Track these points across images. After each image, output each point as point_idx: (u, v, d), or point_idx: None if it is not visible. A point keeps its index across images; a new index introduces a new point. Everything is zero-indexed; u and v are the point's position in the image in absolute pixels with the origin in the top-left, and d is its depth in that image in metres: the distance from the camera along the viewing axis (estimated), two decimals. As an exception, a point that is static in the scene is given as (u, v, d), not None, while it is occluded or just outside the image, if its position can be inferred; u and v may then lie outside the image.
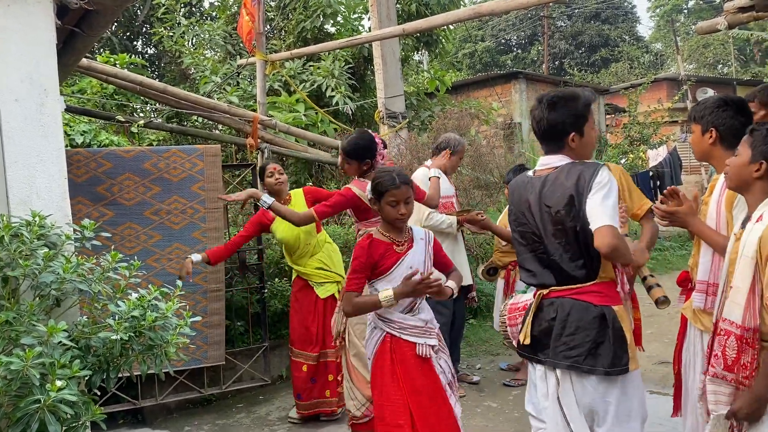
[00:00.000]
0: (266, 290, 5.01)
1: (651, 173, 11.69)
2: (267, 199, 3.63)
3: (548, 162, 2.55)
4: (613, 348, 2.36)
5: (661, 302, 2.87)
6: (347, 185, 3.67)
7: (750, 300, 2.13)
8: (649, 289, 2.93)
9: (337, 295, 4.35)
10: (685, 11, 37.39)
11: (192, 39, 10.79)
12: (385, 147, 3.77)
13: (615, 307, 2.43)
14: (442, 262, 3.08)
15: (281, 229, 4.27)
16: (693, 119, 2.81)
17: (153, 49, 14.56)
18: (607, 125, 15.77)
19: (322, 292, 4.34)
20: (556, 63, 31.27)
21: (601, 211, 2.31)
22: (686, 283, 2.98)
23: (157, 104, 7.85)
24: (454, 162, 4.74)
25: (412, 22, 4.83)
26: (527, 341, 2.54)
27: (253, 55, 5.56)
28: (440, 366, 2.91)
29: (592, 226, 2.32)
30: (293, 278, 4.48)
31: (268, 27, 10.59)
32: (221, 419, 4.60)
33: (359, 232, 3.71)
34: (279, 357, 5.19)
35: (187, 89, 8.23)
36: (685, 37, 32.80)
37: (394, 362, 2.85)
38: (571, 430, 2.42)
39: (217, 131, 7.47)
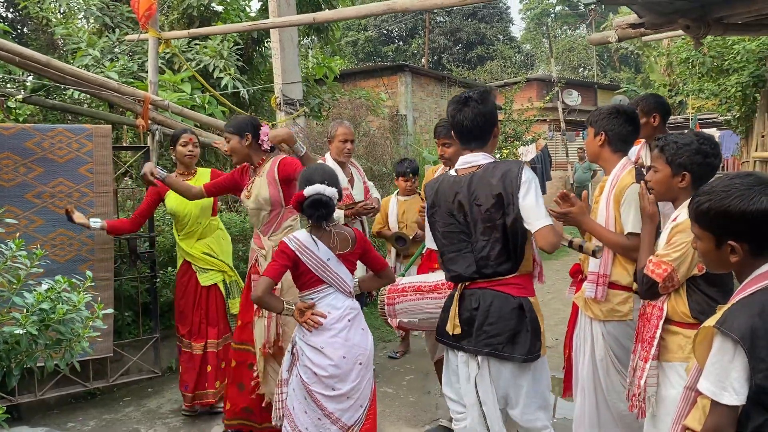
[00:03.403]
0: (158, 279, 4.80)
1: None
2: (160, 172, 3.67)
3: (472, 160, 2.66)
4: (530, 337, 2.53)
5: (598, 251, 2.84)
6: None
7: None
8: (579, 248, 2.90)
9: (221, 286, 4.25)
10: (553, 15, 39.84)
11: (63, 6, 9.96)
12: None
13: (531, 299, 2.60)
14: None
15: (172, 199, 4.15)
16: (589, 123, 3.09)
17: (14, 13, 13.29)
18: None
19: (204, 279, 4.21)
20: (435, 57, 32.15)
21: (538, 211, 2.47)
22: (577, 275, 3.27)
23: (23, 77, 7.21)
24: (336, 149, 4.59)
25: (324, 12, 4.82)
26: (457, 331, 2.62)
27: (144, 31, 5.26)
28: None
29: (533, 228, 2.47)
30: (179, 264, 4.31)
31: (152, 1, 10.02)
32: (108, 414, 4.38)
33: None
34: (170, 348, 5.01)
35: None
36: (553, 40, 34.98)
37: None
38: (483, 412, 2.57)
39: (85, 106, 6.97)
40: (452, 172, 2.73)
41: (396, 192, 5.23)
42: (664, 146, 2.50)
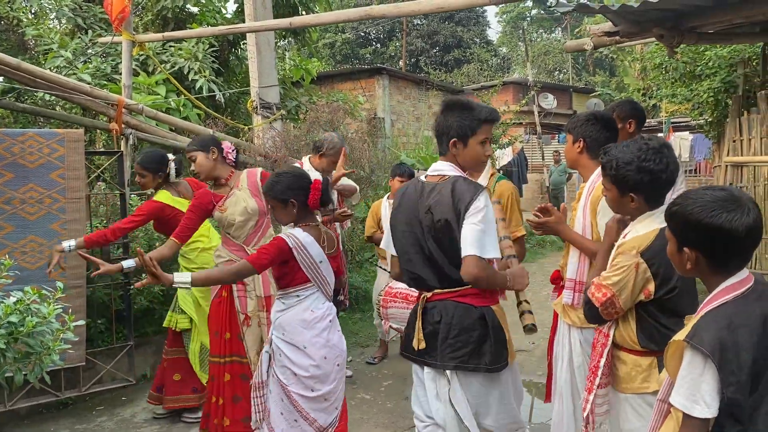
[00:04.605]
0: (132, 286, 4.72)
1: (501, 172, 12.50)
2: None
3: (439, 169, 2.63)
4: (494, 346, 2.52)
5: (529, 329, 2.76)
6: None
7: None
8: (521, 314, 2.81)
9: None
10: (528, 19, 40.17)
11: (34, 6, 9.77)
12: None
13: (494, 307, 2.59)
14: None
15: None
16: (567, 130, 3.10)
17: (-18, 12, 12.97)
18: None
19: None
20: (413, 60, 32.20)
21: (471, 239, 2.40)
22: (558, 281, 3.27)
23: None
24: (325, 164, 4.54)
25: (301, 17, 4.78)
26: (422, 345, 2.56)
27: (118, 34, 5.17)
28: None
29: (462, 253, 2.42)
30: None
31: (125, 2, 9.86)
32: (81, 424, 4.29)
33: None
34: (143, 356, 4.94)
35: (28, 62, 7.46)
36: (529, 44, 35.24)
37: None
38: (466, 426, 2.53)
39: (58, 108, 6.84)
40: (422, 177, 2.68)
41: (387, 195, 5.23)
42: (605, 165, 2.34)
